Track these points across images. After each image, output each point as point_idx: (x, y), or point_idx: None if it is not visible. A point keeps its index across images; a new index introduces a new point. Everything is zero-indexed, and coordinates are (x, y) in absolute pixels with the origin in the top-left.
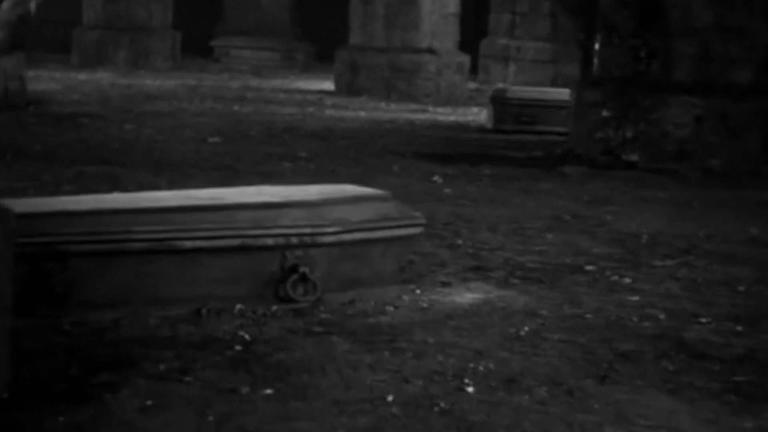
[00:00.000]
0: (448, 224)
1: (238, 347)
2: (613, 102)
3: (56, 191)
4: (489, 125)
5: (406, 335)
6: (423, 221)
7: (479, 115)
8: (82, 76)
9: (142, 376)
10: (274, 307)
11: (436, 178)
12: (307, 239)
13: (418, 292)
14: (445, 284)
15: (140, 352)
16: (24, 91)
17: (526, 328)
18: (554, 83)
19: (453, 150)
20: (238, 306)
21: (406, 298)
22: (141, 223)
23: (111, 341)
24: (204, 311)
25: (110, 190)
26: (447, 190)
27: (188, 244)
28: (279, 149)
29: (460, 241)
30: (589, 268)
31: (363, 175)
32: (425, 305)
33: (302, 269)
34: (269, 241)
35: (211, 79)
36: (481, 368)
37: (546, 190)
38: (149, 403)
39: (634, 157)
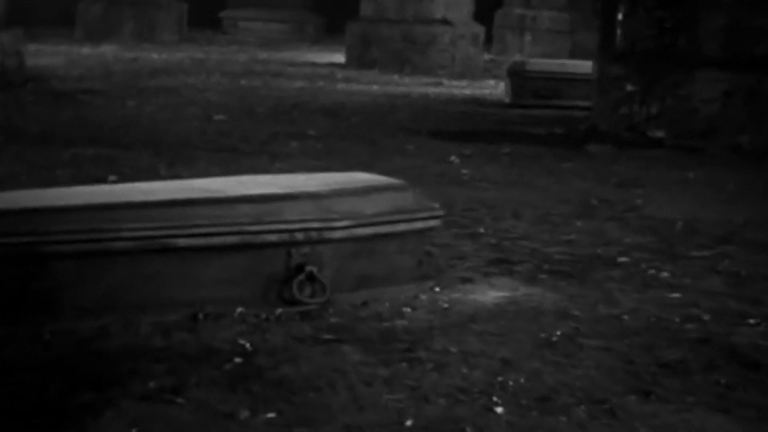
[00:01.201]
0: (467, 210)
1: (237, 359)
2: (637, 76)
3: (50, 177)
4: (507, 99)
5: (425, 343)
6: (442, 213)
7: (496, 89)
8: (85, 50)
9: (129, 397)
10: (279, 311)
11: (453, 158)
12: (315, 235)
13: (437, 290)
14: (466, 280)
15: (128, 367)
16: (22, 68)
17: (558, 333)
18: (572, 54)
19: (470, 127)
20: (239, 310)
21: (424, 297)
22: (130, 220)
23: (96, 353)
24: (201, 316)
25: (106, 175)
26: (465, 172)
27: (182, 242)
28: (287, 127)
29: (481, 230)
30: (622, 260)
31: (375, 156)
32: (445, 306)
33: (309, 268)
34: (272, 238)
35: (218, 52)
36: (510, 383)
37: (570, 170)
38: (134, 430)
39: (659, 134)
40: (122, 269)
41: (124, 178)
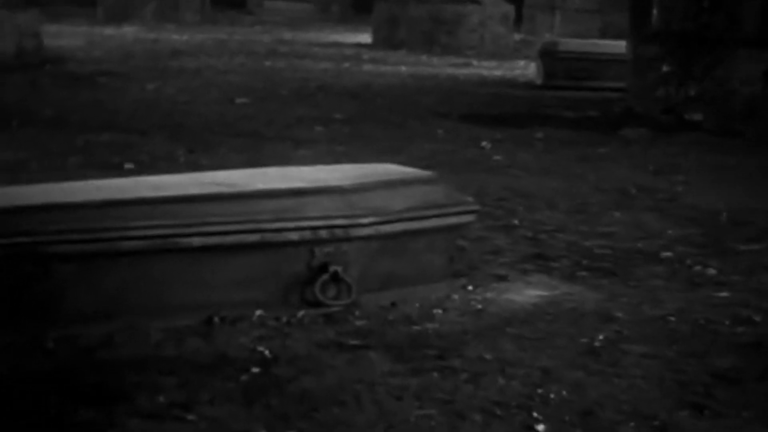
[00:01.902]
0: (501, 200)
1: (255, 369)
2: (674, 57)
3: (61, 164)
4: (538, 81)
5: (457, 349)
6: (476, 207)
7: (526, 69)
8: (107, 30)
9: (135, 414)
10: (301, 313)
11: (484, 143)
12: (339, 232)
13: (469, 288)
14: (501, 278)
15: (135, 379)
16: (40, 49)
17: (601, 338)
18: (603, 34)
19: (501, 110)
20: (258, 313)
21: (456, 297)
22: (138, 218)
23: (101, 363)
24: (216, 321)
25: (121, 163)
26: (497, 158)
27: (197, 241)
28: (312, 111)
29: (515, 221)
30: (665, 254)
31: (403, 141)
32: (479, 307)
33: (333, 268)
34: (294, 236)
35: (242, 32)
36: (551, 395)
37: (606, 156)
38: None
39: (697, 117)
40: (130, 271)
41: (140, 166)
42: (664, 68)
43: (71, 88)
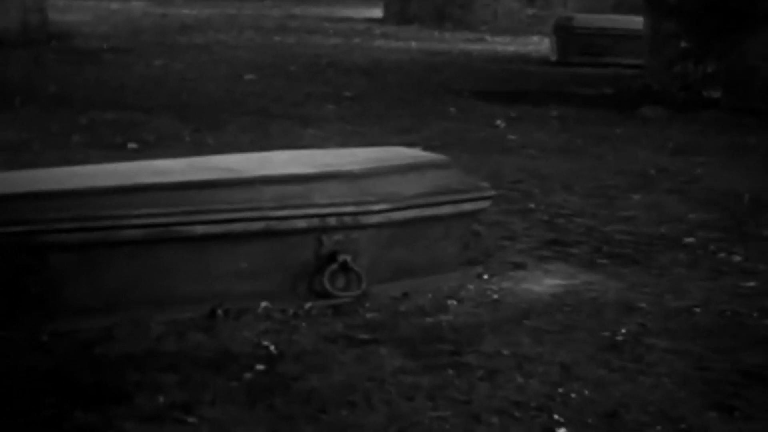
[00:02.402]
0: (516, 182)
1: (259, 367)
2: (692, 32)
3: (64, 143)
4: (553, 57)
5: (473, 343)
6: (491, 193)
7: (540, 45)
8: (114, 5)
9: (134, 416)
10: (308, 305)
11: (498, 122)
12: (349, 220)
13: (485, 277)
14: (517, 266)
15: (134, 378)
16: (45, 25)
17: (623, 331)
18: (615, 9)
19: (515, 87)
20: (263, 305)
21: (471, 287)
22: (139, 205)
23: (100, 359)
24: (220, 313)
25: (124, 143)
26: (512, 137)
27: (200, 229)
28: (321, 88)
29: (532, 205)
30: (688, 240)
31: (415, 120)
32: (495, 297)
33: (342, 257)
34: (301, 224)
35: (251, 6)
36: (572, 395)
37: (623, 136)
38: None
39: (716, 95)
40: (130, 261)
41: (144, 146)
42: (682, 44)
43: (76, 65)
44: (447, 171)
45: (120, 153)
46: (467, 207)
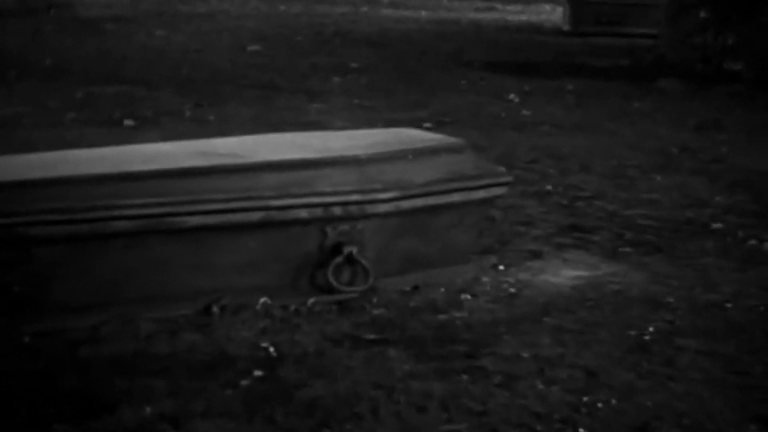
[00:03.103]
0: (531, 162)
1: (257, 372)
2: (711, 2)
3: (58, 120)
4: (565, 27)
5: (489, 344)
6: (508, 178)
7: (553, 14)
8: None
9: (118, 430)
10: (311, 301)
11: (511, 96)
12: (355, 209)
13: (500, 268)
14: (535, 255)
15: (121, 384)
16: None
17: (651, 329)
18: None
19: (528, 58)
20: (262, 300)
21: (486, 280)
22: (130, 195)
23: (84, 363)
24: (216, 310)
25: (121, 119)
26: (526, 113)
27: (194, 220)
28: (328, 59)
29: (549, 187)
30: (715, 226)
31: (425, 93)
32: (512, 290)
33: (348, 249)
34: (303, 213)
35: None
36: (599, 405)
37: (642, 111)
38: None
39: (736, 67)
40: (120, 255)
41: (142, 123)
42: (702, 14)
43: (76, 35)
44: (460, 155)
45: (116, 131)
46: (482, 194)
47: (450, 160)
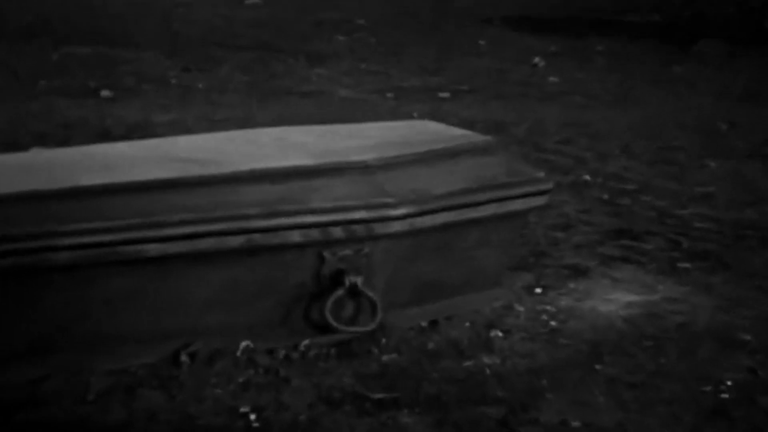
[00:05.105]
0: (564, 143)
1: None
2: None
3: (29, 89)
4: None
5: (528, 406)
6: (548, 186)
7: None
8: None
9: None
10: (305, 343)
11: (536, 59)
12: (360, 229)
13: (537, 291)
14: (577, 271)
15: None
16: None
17: (729, 384)
18: None
19: (551, 13)
20: (244, 344)
21: (521, 309)
22: (78, 217)
23: None
24: (185, 358)
25: (97, 89)
26: (553, 79)
27: (155, 248)
28: (332, 14)
29: (586, 176)
30: None
31: (440, 55)
32: (553, 324)
33: (351, 279)
34: (295, 236)
35: None
36: None
37: (681, 78)
38: None
39: None
40: (66, 292)
41: (120, 93)
42: None
43: None
44: (490, 157)
45: (90, 103)
46: (517, 205)
47: (478, 163)
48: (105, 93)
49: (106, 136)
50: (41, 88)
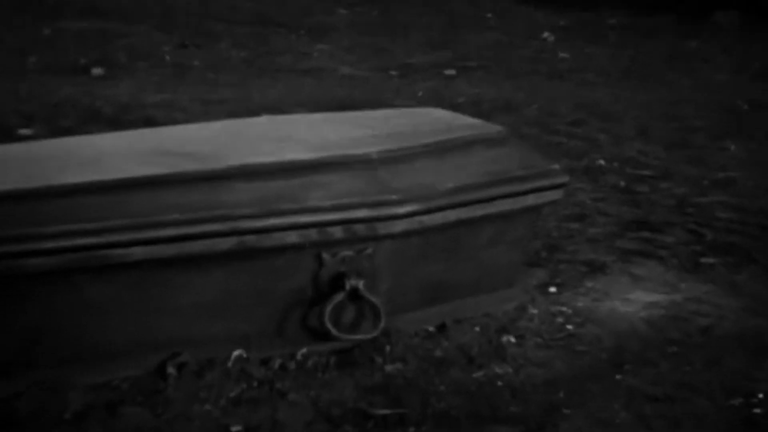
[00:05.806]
0: (576, 124)
1: None
2: None
3: (19, 66)
4: None
5: (545, 424)
6: (564, 179)
7: None
8: None
9: None
10: (302, 351)
11: (546, 34)
12: (362, 228)
13: (552, 290)
14: (594, 268)
15: None
16: None
17: (761, 396)
18: None
19: None
20: (236, 354)
21: (534, 312)
22: (56, 218)
23: None
24: (172, 370)
25: (87, 66)
26: (564, 55)
27: (139, 252)
28: None
29: (600, 161)
30: None
31: (446, 30)
32: (570, 328)
33: (352, 282)
34: (291, 237)
35: None
36: None
37: (696, 53)
38: None
39: None
40: (42, 301)
41: (112, 71)
42: None
43: None
44: (503, 148)
45: (81, 81)
46: (531, 200)
47: (490, 156)
48: (96, 71)
49: (95, 117)
50: (31, 65)
